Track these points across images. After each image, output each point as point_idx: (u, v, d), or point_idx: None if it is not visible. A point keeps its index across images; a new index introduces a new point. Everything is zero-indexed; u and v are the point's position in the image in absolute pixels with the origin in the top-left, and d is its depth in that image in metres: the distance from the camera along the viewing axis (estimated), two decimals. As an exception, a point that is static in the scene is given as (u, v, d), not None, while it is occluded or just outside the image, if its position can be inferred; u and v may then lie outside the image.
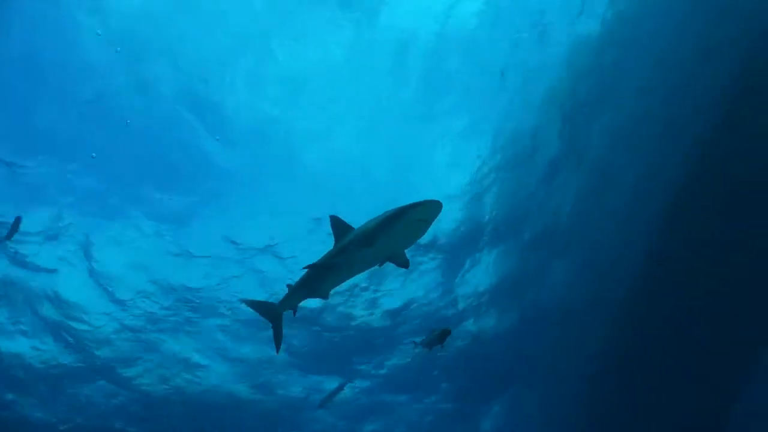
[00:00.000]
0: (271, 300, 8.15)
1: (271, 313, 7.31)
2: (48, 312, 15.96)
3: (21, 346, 16.59)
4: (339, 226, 6.28)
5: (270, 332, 7.24)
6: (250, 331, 17.63)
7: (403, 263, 6.05)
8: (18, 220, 11.43)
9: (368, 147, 14.73)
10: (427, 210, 5.15)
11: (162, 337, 17.42)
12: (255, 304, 7.55)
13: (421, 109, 14.11)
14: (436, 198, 5.14)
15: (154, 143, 13.95)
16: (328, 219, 6.33)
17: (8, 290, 15.38)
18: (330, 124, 14.39)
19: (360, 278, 16.29)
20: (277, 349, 7.24)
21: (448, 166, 14.84)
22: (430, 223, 5.32)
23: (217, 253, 15.79)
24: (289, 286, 7.09)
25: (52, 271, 15.22)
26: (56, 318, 16.13)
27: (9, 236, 11.57)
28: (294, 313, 7.35)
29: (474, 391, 21.15)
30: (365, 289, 16.88)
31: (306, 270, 6.54)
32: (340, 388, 18.40)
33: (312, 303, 16.64)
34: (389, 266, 6.07)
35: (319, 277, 6.41)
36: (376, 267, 6.18)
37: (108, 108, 13.00)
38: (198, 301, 16.66)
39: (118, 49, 12.08)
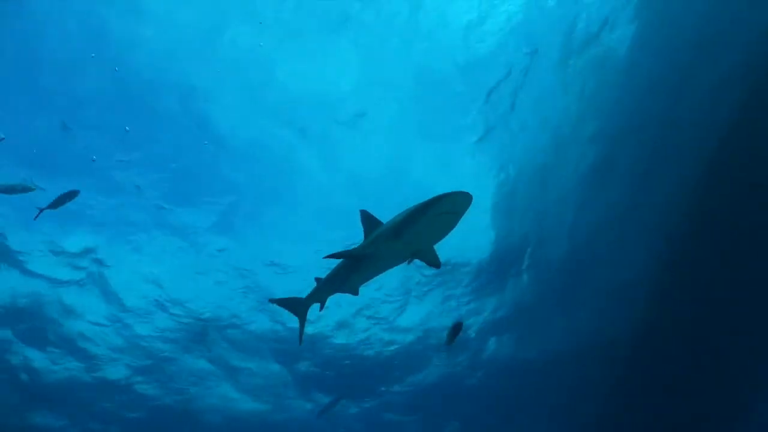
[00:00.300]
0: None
1: (298, 307, 7.52)
2: (64, 324, 16.37)
3: (36, 356, 17.05)
4: (368, 220, 6.13)
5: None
6: (259, 345, 17.97)
7: (434, 261, 5.83)
8: (72, 193, 10.13)
9: (378, 165, 14.97)
10: (456, 201, 4.91)
11: (173, 349, 17.78)
12: (282, 301, 7.69)
13: (430, 129, 14.32)
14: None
15: (166, 159, 14.37)
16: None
17: (24, 302, 15.79)
18: (338, 143, 14.69)
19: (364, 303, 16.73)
20: (300, 340, 7.72)
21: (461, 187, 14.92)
22: (460, 216, 5.07)
23: (229, 268, 16.16)
24: (317, 279, 7.11)
25: (67, 284, 15.62)
26: (72, 330, 16.55)
27: (54, 206, 10.20)
28: (321, 308, 7.42)
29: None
30: (374, 313, 17.28)
31: (335, 265, 6.52)
32: (338, 400, 18.53)
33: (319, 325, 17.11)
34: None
35: (347, 271, 6.29)
36: (405, 264, 5.98)
37: (121, 123, 13.46)
38: (209, 314, 17.02)
39: (117, 69, 12.50)
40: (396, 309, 17.28)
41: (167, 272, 15.93)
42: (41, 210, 10.42)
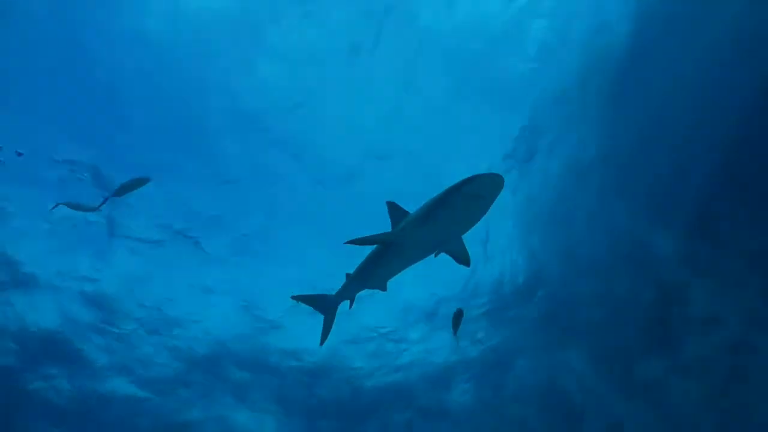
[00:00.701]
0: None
1: (328, 304, 7.07)
2: (74, 340, 16.05)
3: (52, 372, 16.66)
4: (395, 211, 5.75)
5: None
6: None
7: (463, 257, 5.49)
8: (142, 180, 8.93)
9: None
10: (485, 184, 4.51)
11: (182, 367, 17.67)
12: (308, 298, 7.24)
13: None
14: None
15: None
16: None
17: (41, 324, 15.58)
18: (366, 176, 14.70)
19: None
20: (323, 341, 7.05)
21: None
22: (490, 201, 4.68)
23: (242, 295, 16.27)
24: (348, 275, 6.83)
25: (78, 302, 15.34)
26: (84, 346, 16.32)
27: (120, 192, 9.10)
28: (351, 305, 7.06)
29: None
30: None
31: (362, 260, 6.21)
32: None
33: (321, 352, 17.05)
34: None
35: (375, 263, 6.02)
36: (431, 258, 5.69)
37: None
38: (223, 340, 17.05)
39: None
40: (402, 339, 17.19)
41: (180, 291, 15.94)
42: (106, 198, 9.71)
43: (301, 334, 16.38)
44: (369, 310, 15.87)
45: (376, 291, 6.53)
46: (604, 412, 14.84)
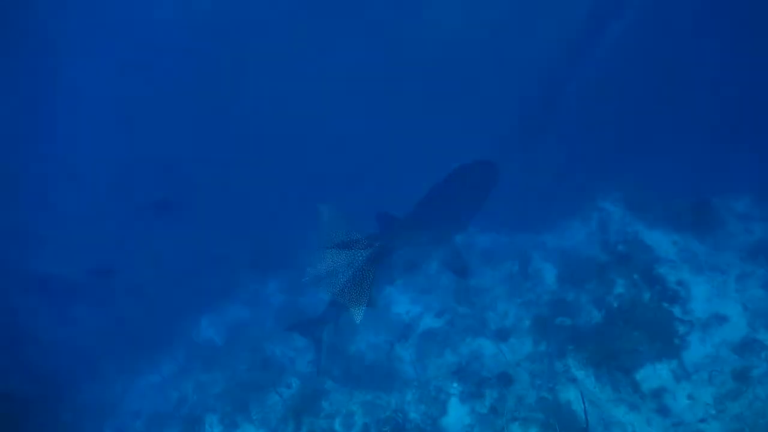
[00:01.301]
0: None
1: (313, 328, 6.91)
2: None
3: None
4: (387, 220, 5.08)
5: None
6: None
7: (458, 266, 5.25)
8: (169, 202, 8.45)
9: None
10: (470, 176, 4.13)
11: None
12: (297, 326, 7.15)
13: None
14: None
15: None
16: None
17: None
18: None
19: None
20: (318, 369, 7.03)
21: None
22: (481, 194, 4.26)
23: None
24: None
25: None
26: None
27: (157, 211, 8.89)
28: (335, 326, 6.94)
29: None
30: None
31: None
32: None
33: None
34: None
35: (362, 273, 5.41)
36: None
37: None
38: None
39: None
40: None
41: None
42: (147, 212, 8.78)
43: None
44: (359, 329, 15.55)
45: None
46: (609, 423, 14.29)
